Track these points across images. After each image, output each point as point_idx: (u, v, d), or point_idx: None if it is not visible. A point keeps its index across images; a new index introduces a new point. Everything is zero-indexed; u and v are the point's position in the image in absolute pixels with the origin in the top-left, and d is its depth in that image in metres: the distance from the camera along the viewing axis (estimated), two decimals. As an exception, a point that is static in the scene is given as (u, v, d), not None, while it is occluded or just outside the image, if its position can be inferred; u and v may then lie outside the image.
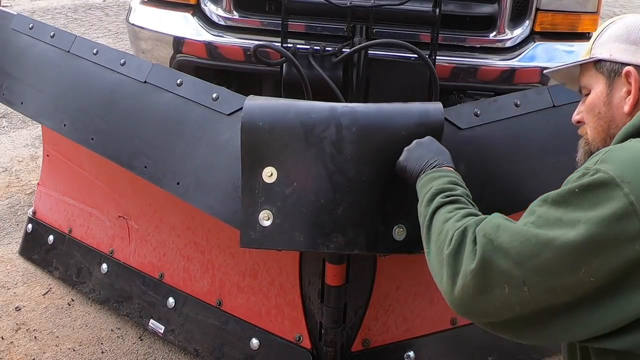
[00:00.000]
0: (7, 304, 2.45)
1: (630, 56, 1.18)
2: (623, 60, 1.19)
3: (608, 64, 1.21)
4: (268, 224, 1.49)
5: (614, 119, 1.20)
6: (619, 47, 1.20)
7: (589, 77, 1.26)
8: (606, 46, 1.23)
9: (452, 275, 1.06)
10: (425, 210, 1.24)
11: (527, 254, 0.97)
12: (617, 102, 1.19)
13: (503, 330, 1.05)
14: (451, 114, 1.65)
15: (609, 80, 1.21)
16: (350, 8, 2.44)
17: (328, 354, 1.87)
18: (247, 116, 1.49)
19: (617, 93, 1.19)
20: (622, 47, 1.19)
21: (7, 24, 2.34)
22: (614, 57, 1.20)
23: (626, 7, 8.61)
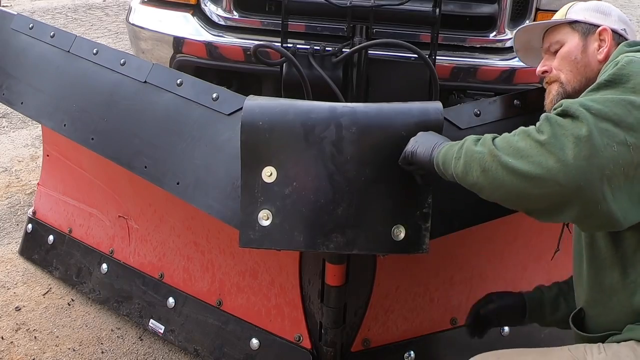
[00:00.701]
0: (7, 304, 2.45)
1: (602, 21, 1.55)
2: (596, 22, 1.54)
3: (583, 24, 1.56)
4: (267, 224, 1.49)
5: (589, 64, 1.51)
6: (592, 14, 1.56)
7: (563, 34, 1.58)
8: (580, 13, 1.57)
9: (560, 150, 1.12)
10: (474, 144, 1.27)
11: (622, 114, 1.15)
12: (592, 51, 1.52)
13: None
14: (451, 114, 1.66)
15: (583, 36, 1.54)
16: (350, 8, 2.43)
17: (328, 354, 1.87)
18: (247, 116, 1.49)
19: (591, 45, 1.53)
20: (594, 14, 1.56)
21: (7, 24, 2.34)
22: (588, 20, 1.56)
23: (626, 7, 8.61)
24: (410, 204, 1.50)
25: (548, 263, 2.15)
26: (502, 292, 1.84)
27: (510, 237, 2.03)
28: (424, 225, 1.51)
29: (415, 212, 1.50)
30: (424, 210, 1.50)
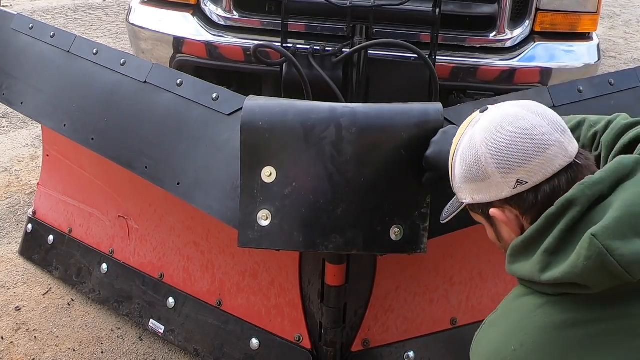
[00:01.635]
0: (7, 304, 2.45)
1: (486, 194, 1.13)
2: (485, 200, 1.14)
3: (476, 206, 1.18)
4: (266, 224, 1.49)
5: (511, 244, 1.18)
6: (473, 188, 1.15)
7: (473, 216, 1.25)
8: (463, 188, 1.18)
9: None
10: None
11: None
12: (508, 236, 1.17)
13: None
14: (451, 114, 1.65)
15: (487, 220, 1.19)
16: (350, 8, 2.44)
17: (328, 354, 1.87)
18: (247, 116, 1.49)
19: (503, 229, 1.17)
20: (475, 187, 1.14)
21: (7, 24, 2.34)
22: (477, 199, 1.15)
23: (626, 7, 8.60)
24: (409, 204, 1.50)
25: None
26: None
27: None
28: (422, 225, 1.51)
29: (414, 212, 1.50)
30: (423, 211, 1.50)
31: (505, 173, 1.08)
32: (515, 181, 1.08)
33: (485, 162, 1.09)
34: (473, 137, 1.12)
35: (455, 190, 1.22)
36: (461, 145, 1.16)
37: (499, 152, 1.08)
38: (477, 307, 2.04)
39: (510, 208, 1.11)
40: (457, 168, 1.17)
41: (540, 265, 1.04)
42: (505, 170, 1.08)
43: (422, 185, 1.50)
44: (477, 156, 1.11)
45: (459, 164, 1.16)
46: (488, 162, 1.09)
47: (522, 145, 1.07)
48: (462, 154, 1.15)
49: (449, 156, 1.43)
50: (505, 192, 1.09)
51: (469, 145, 1.13)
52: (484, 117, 1.14)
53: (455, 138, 1.20)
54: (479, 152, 1.10)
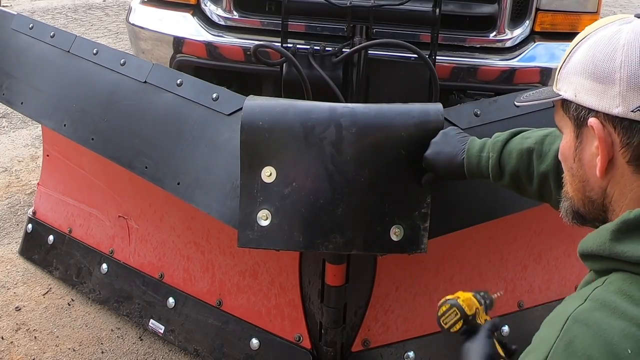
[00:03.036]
0: (7, 304, 2.45)
1: (596, 100, 0.91)
2: (589, 105, 0.92)
3: (574, 106, 0.95)
4: (266, 224, 1.49)
5: (588, 181, 0.96)
6: (585, 85, 0.93)
7: (558, 117, 1.02)
8: (572, 80, 0.95)
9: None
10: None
11: None
12: (589, 159, 0.94)
13: None
14: (451, 114, 1.65)
15: (577, 128, 0.96)
16: (350, 8, 2.44)
17: (328, 354, 1.87)
18: (247, 116, 1.49)
19: (588, 148, 0.94)
20: (588, 85, 0.92)
21: (7, 24, 2.34)
22: (580, 99, 0.93)
23: (626, 7, 8.60)
24: (409, 204, 1.50)
25: (548, 263, 2.15)
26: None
27: (510, 237, 2.03)
28: (422, 225, 1.51)
29: (414, 212, 1.50)
30: (423, 211, 1.50)
31: (634, 88, 0.87)
32: (638, 105, 0.87)
33: (620, 63, 0.88)
34: (619, 33, 0.91)
35: (559, 76, 0.99)
36: (599, 33, 0.94)
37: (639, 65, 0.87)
38: (477, 307, 2.04)
39: (612, 131, 0.90)
40: (579, 53, 0.95)
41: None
42: (635, 87, 0.87)
43: (422, 185, 1.50)
44: (614, 54, 0.89)
45: (585, 51, 0.94)
46: (623, 66, 0.88)
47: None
48: (595, 42, 0.93)
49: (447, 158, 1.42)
50: (619, 109, 0.88)
51: (609, 39, 0.91)
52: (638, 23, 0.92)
53: (591, 26, 0.97)
54: (619, 50, 0.89)
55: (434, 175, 1.48)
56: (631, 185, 0.91)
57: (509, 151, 1.35)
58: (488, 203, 1.67)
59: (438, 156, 1.44)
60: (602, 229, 0.91)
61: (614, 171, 0.92)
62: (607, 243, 0.88)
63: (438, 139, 1.47)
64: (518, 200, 1.66)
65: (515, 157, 1.34)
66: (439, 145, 1.45)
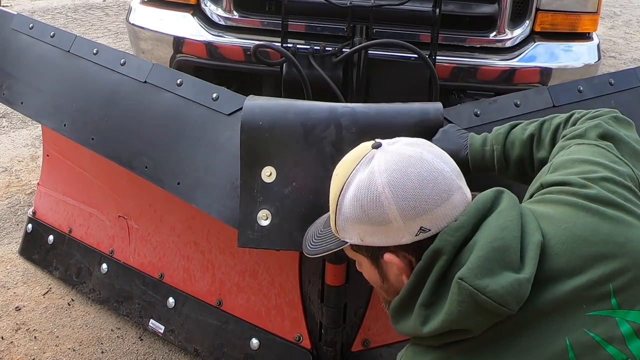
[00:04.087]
0: (7, 304, 2.45)
1: (383, 239, 1.03)
2: (378, 244, 1.04)
3: (364, 248, 1.08)
4: (266, 224, 1.49)
5: (400, 288, 1.08)
6: (367, 230, 1.04)
7: (350, 253, 1.15)
8: (352, 229, 1.07)
9: None
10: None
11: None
12: (394, 278, 1.09)
13: None
14: (451, 114, 1.66)
15: (374, 262, 1.10)
16: (350, 8, 2.44)
17: (328, 354, 1.87)
18: (247, 116, 1.50)
19: (390, 271, 1.08)
20: (370, 229, 1.04)
21: (7, 24, 2.34)
22: (368, 242, 1.06)
23: (626, 7, 8.60)
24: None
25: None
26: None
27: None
28: (423, 225, 1.50)
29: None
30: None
31: (408, 218, 1.00)
32: (418, 228, 1.00)
33: (388, 206, 1.00)
34: (372, 177, 1.03)
35: (337, 227, 1.11)
36: (353, 183, 1.06)
37: (404, 198, 1.00)
38: (477, 307, 2.04)
39: (406, 254, 1.04)
40: (346, 206, 1.06)
41: (420, 319, 1.00)
42: (410, 216, 1.00)
43: None
44: (379, 199, 1.01)
45: (351, 202, 1.05)
46: (391, 207, 1.00)
47: (428, 191, 1.00)
48: (356, 192, 1.04)
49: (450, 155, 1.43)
50: (405, 238, 1.02)
51: (367, 185, 1.03)
52: (380, 156, 1.05)
53: (340, 170, 1.11)
54: (381, 195, 1.01)
55: None
56: None
57: (512, 141, 1.39)
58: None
59: None
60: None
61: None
62: (394, 326, 1.09)
63: (439, 137, 1.47)
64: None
65: (518, 146, 1.38)
66: (441, 143, 1.45)
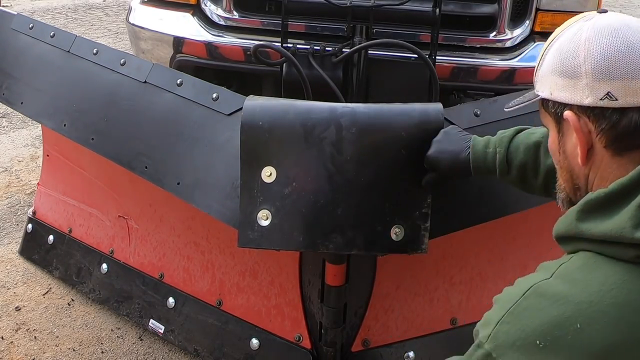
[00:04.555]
0: (7, 304, 2.45)
1: (568, 94, 1.00)
2: (563, 100, 1.01)
3: (551, 103, 1.04)
4: (266, 224, 1.49)
5: (574, 170, 1.05)
6: (557, 83, 1.01)
7: (542, 116, 1.11)
8: (546, 80, 1.04)
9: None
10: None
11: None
12: (571, 150, 1.03)
13: None
14: (451, 114, 1.65)
15: (557, 123, 1.05)
16: (350, 8, 2.44)
17: (328, 354, 1.87)
18: (247, 116, 1.50)
19: (569, 139, 1.03)
20: (560, 82, 1.01)
21: (7, 24, 2.34)
22: (555, 96, 1.02)
23: (626, 7, 8.60)
24: (409, 204, 1.50)
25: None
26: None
27: (510, 237, 2.03)
28: (423, 225, 1.51)
29: (415, 212, 1.50)
30: (423, 211, 1.50)
31: (599, 79, 0.96)
32: (605, 92, 0.95)
33: (584, 58, 0.97)
34: (580, 31, 1.00)
35: (536, 79, 1.08)
36: (564, 35, 1.03)
37: (602, 55, 0.96)
38: (477, 307, 2.04)
39: (587, 120, 0.98)
40: (549, 55, 1.04)
41: (635, 220, 0.89)
42: (601, 76, 0.96)
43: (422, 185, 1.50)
44: (577, 51, 0.99)
45: (554, 51, 1.03)
46: (586, 60, 0.97)
47: (630, 59, 0.95)
48: (561, 42, 1.03)
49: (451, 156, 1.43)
50: (589, 99, 0.97)
51: (572, 37, 1.01)
52: (600, 18, 1.01)
53: (559, 28, 1.07)
54: (581, 47, 0.98)
55: (435, 175, 1.48)
56: (610, 167, 0.99)
57: (516, 145, 1.38)
58: (488, 203, 1.67)
59: (441, 154, 1.44)
60: (570, 211, 0.99)
61: (594, 157, 1.00)
62: (574, 223, 0.97)
63: (440, 137, 1.47)
64: (518, 200, 1.66)
65: (523, 151, 1.36)
66: (442, 143, 1.45)
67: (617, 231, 0.90)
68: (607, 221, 0.92)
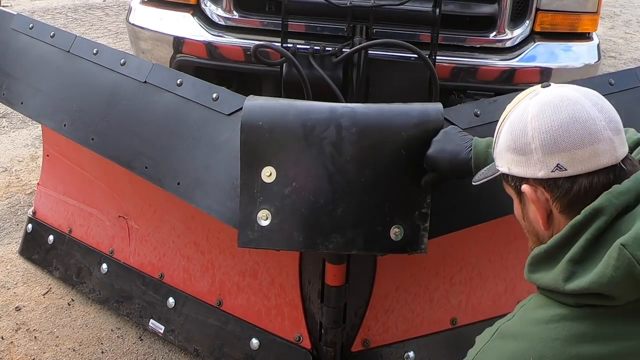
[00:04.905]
0: (7, 304, 2.45)
1: (523, 169, 1.08)
2: (519, 175, 1.10)
3: (510, 177, 1.13)
4: (266, 224, 1.49)
5: (538, 234, 1.15)
6: (512, 159, 1.10)
7: (505, 186, 1.19)
8: (503, 156, 1.13)
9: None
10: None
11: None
12: (533, 217, 1.13)
13: None
14: (451, 114, 1.65)
15: (518, 195, 1.15)
16: (350, 8, 2.44)
17: (328, 354, 1.87)
18: (247, 116, 1.50)
19: (530, 208, 1.13)
20: (515, 158, 1.09)
21: (7, 24, 2.34)
22: (512, 172, 1.11)
23: (626, 7, 8.60)
24: (409, 204, 1.50)
25: (548, 263, 2.15)
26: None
27: (510, 237, 2.03)
28: (422, 225, 1.51)
29: (414, 212, 1.50)
30: (423, 211, 1.50)
31: (548, 153, 1.04)
32: (555, 164, 1.04)
33: (532, 136, 1.06)
34: (526, 109, 1.09)
35: (495, 155, 1.18)
36: (513, 113, 1.12)
37: (547, 131, 1.04)
38: (477, 307, 2.04)
39: (543, 190, 1.07)
40: (502, 134, 1.13)
41: (565, 274, 1.02)
42: (549, 151, 1.04)
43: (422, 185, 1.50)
44: (525, 129, 1.07)
45: (506, 131, 1.12)
46: (534, 137, 1.05)
47: (573, 131, 1.03)
48: (511, 122, 1.11)
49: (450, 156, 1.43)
50: (542, 172, 1.05)
51: (520, 116, 1.09)
52: (543, 93, 1.10)
53: (509, 104, 1.16)
54: (528, 125, 1.07)
55: (435, 175, 1.48)
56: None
57: None
58: (488, 203, 1.67)
59: (441, 154, 1.44)
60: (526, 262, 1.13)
61: (554, 221, 1.10)
62: (527, 274, 1.12)
63: (440, 137, 1.47)
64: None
65: None
66: (442, 143, 1.46)
67: (553, 284, 1.04)
68: (549, 273, 1.05)
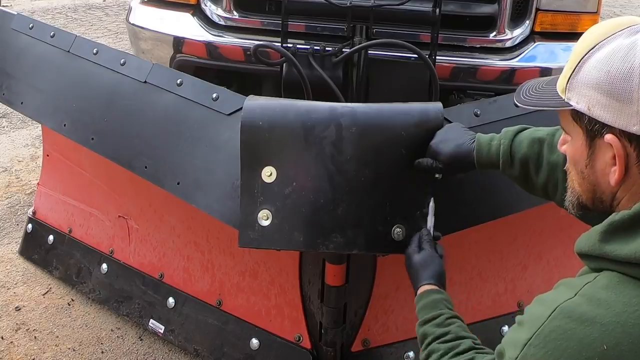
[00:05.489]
0: (7, 304, 2.45)
1: (613, 116, 0.92)
2: (605, 120, 0.94)
3: (586, 118, 0.96)
4: (267, 224, 1.49)
5: (599, 185, 1.01)
6: (599, 101, 0.93)
7: (565, 121, 1.04)
8: (584, 93, 0.96)
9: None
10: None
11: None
12: (602, 167, 0.98)
13: None
14: (451, 114, 1.65)
15: (589, 138, 0.98)
16: (350, 8, 2.44)
17: (328, 354, 1.87)
18: (247, 116, 1.50)
19: (601, 157, 0.97)
20: (604, 101, 0.93)
21: (7, 24, 2.34)
22: (594, 114, 0.95)
23: (626, 7, 8.60)
24: (410, 204, 1.50)
25: (548, 263, 2.15)
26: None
27: (510, 237, 2.03)
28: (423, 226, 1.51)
29: (415, 213, 1.50)
30: (424, 211, 1.50)
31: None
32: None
33: (638, 84, 0.90)
34: (634, 50, 0.91)
35: (567, 85, 0.99)
36: (609, 46, 0.94)
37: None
38: (477, 307, 2.04)
39: (628, 145, 0.93)
40: (590, 66, 0.95)
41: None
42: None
43: (423, 185, 1.50)
44: (631, 73, 0.90)
45: (597, 64, 0.94)
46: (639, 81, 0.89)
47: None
48: (608, 57, 0.93)
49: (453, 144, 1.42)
50: (636, 127, 0.90)
51: (624, 55, 0.92)
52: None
53: (597, 30, 0.98)
54: (636, 70, 0.90)
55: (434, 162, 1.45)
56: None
57: (520, 140, 1.38)
58: (488, 203, 1.67)
59: (443, 144, 1.44)
60: (593, 230, 0.98)
61: (627, 180, 0.96)
62: (597, 244, 0.95)
63: (444, 129, 1.47)
64: (518, 200, 1.66)
65: (526, 145, 1.36)
66: (446, 133, 1.46)
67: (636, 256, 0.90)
68: (631, 243, 0.91)
